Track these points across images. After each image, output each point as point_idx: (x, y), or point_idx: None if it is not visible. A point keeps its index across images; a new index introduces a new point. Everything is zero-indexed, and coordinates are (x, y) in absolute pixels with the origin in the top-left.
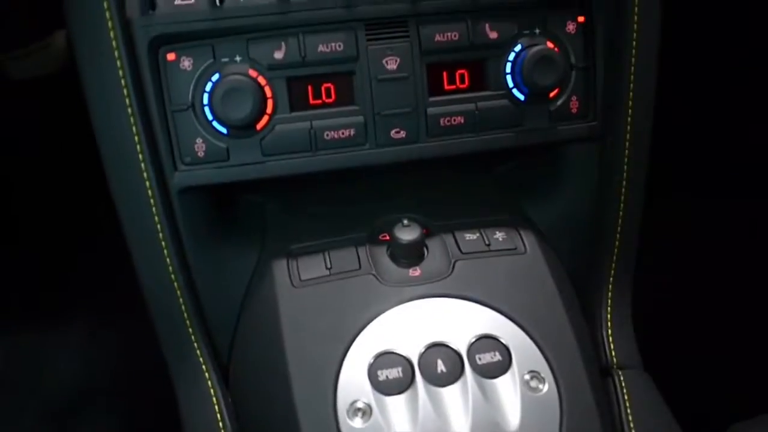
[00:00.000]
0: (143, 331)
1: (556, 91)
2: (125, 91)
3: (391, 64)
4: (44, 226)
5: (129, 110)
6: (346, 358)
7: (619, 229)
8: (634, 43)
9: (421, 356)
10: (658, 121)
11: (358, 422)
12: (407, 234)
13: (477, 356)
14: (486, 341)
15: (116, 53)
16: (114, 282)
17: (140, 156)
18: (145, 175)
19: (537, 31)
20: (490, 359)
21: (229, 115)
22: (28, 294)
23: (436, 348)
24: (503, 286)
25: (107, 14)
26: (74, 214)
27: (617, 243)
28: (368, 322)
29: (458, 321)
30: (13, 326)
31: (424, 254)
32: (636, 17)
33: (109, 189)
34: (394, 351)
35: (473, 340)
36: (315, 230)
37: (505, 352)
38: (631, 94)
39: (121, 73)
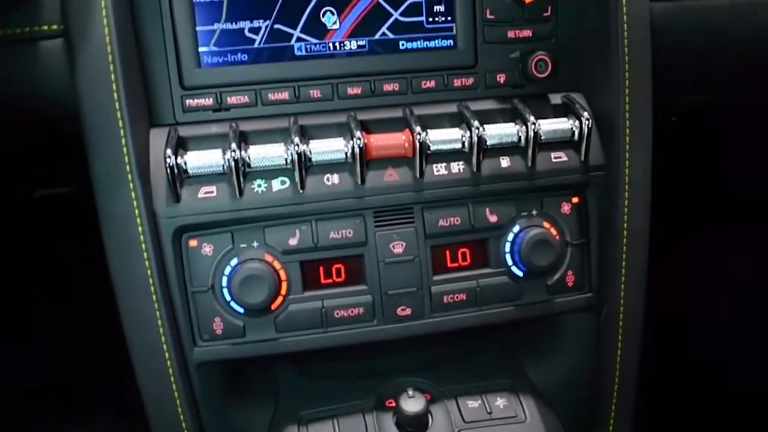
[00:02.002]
0: None
1: None
2: (149, 273)
3: (398, 248)
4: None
5: (153, 293)
6: None
7: (615, 392)
8: (626, 218)
9: None
10: (651, 288)
11: None
12: (412, 405)
13: None
14: None
15: (143, 244)
16: None
17: (162, 334)
18: (166, 352)
19: (534, 212)
20: None
21: (246, 299)
22: None
23: None
24: None
25: (136, 211)
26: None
27: (614, 405)
28: None
29: None
30: None
31: (428, 423)
32: (626, 194)
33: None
34: None
35: None
36: (325, 395)
37: None
38: (624, 263)
39: (146, 256)
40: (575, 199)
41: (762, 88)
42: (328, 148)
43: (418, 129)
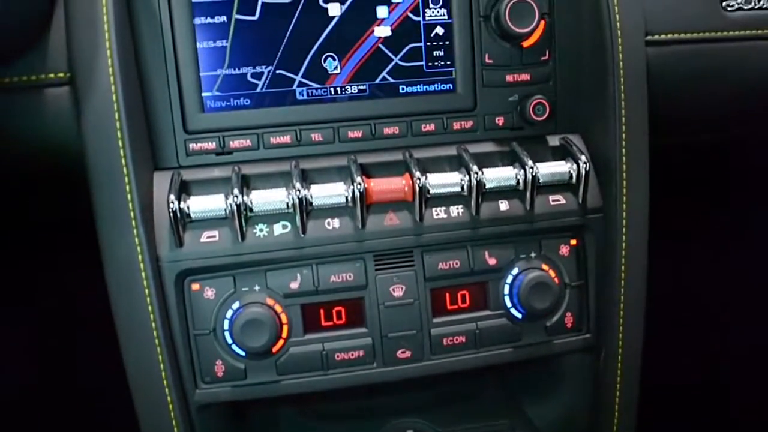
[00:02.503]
0: None
1: None
2: (152, 316)
3: (398, 291)
4: None
5: (155, 336)
6: None
7: (615, 430)
8: (623, 259)
9: None
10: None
11: None
12: None
13: None
14: None
15: (146, 288)
16: None
17: (164, 377)
18: (168, 395)
19: (533, 254)
20: None
21: (247, 343)
22: None
23: None
24: None
25: (139, 256)
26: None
27: None
28: None
29: None
30: None
31: None
32: (624, 237)
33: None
34: None
35: None
36: None
37: None
38: (622, 304)
39: (149, 300)
40: (573, 241)
41: (756, 125)
42: (329, 193)
43: (417, 174)
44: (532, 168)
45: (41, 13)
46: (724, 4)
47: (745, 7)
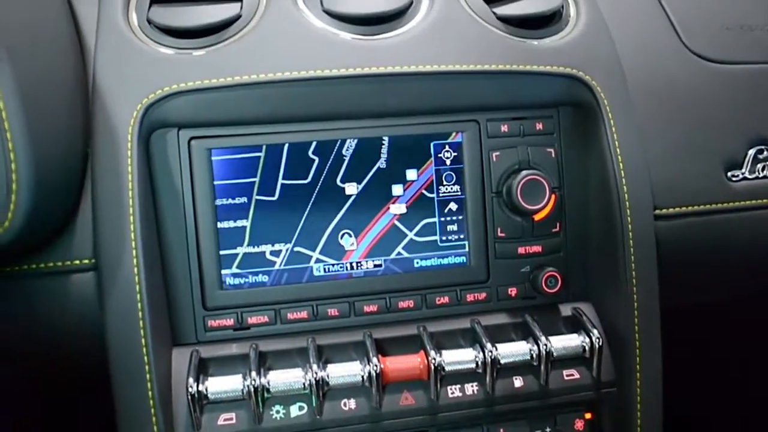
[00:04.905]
0: None
1: None
2: None
3: None
4: None
5: None
6: None
7: None
8: (639, 422)
9: None
10: None
11: None
12: None
13: None
14: None
15: None
16: None
17: None
18: None
19: (548, 429)
20: None
21: None
22: None
23: None
24: None
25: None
26: None
27: None
28: None
29: None
30: None
31: None
32: (638, 413)
33: None
34: None
35: None
36: None
37: None
38: None
39: None
40: (588, 415)
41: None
42: (345, 373)
43: (432, 352)
44: (546, 345)
45: (70, 207)
46: (729, 174)
47: (750, 177)
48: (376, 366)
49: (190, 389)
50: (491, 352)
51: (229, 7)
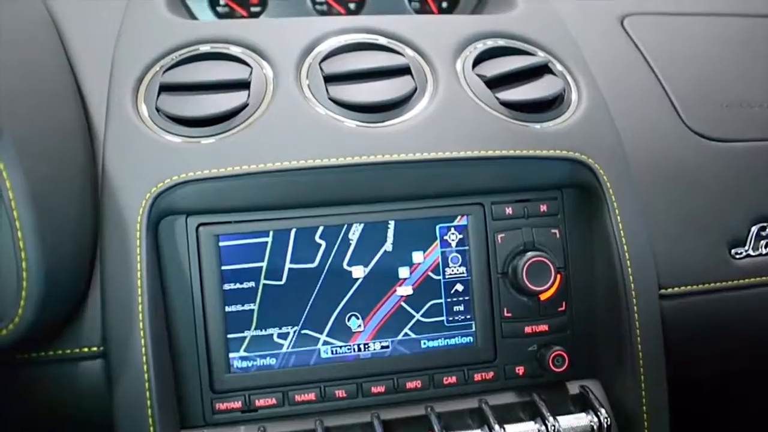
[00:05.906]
0: None
1: None
2: None
3: None
4: None
5: None
6: None
7: None
8: None
9: None
10: None
11: None
12: None
13: None
14: None
15: None
16: None
17: None
18: None
19: None
20: None
21: None
22: None
23: None
24: None
25: None
26: None
27: None
28: None
29: None
30: None
31: None
32: None
33: None
34: None
35: None
36: None
37: None
38: None
39: None
40: None
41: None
42: None
43: None
44: (554, 425)
45: (79, 296)
46: (732, 252)
47: (753, 254)
48: None
49: None
50: None
51: (236, 95)
